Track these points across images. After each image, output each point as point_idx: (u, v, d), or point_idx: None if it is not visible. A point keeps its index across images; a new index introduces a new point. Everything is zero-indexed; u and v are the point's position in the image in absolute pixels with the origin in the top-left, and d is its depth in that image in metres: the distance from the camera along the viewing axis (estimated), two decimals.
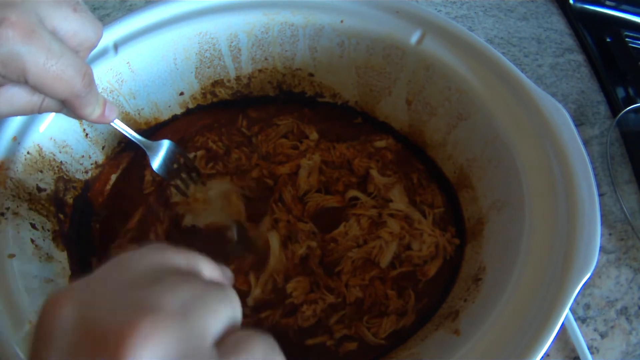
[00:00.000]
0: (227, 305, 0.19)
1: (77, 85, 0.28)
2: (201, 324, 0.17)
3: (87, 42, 0.30)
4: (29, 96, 0.29)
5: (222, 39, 0.46)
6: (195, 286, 0.19)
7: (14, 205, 0.36)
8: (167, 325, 0.16)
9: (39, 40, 0.26)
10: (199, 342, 0.17)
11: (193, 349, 0.16)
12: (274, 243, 0.42)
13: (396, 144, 0.50)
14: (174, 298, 0.17)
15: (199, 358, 0.16)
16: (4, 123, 0.38)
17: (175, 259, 0.20)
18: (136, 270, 0.18)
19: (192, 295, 0.18)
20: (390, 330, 0.40)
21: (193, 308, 0.17)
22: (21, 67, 0.25)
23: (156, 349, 0.15)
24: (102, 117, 0.34)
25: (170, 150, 0.42)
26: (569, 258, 0.32)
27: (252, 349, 0.18)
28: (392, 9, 0.44)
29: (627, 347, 0.44)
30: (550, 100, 0.38)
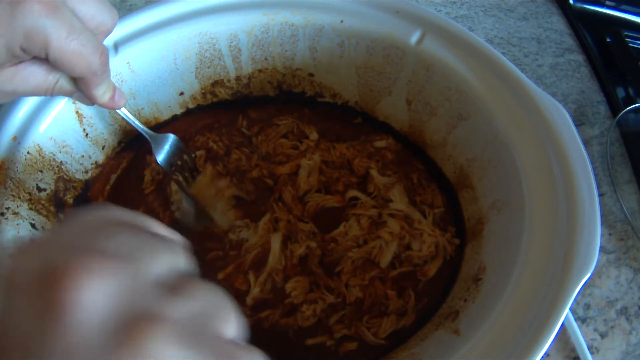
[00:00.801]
0: (170, 252, 0.19)
1: (94, 62, 0.30)
2: (143, 265, 0.17)
3: (103, 26, 0.31)
4: (45, 75, 0.30)
5: (222, 39, 0.46)
6: (139, 234, 0.19)
7: (14, 205, 0.36)
8: (107, 264, 0.16)
9: (62, 16, 0.27)
10: (141, 281, 0.17)
11: (134, 287, 0.16)
12: (275, 244, 0.42)
13: (396, 144, 0.50)
14: (116, 242, 0.18)
15: (139, 295, 0.16)
16: (4, 123, 0.38)
17: (122, 213, 0.20)
18: (85, 223, 0.19)
19: (135, 240, 0.18)
20: (390, 330, 0.40)
21: (135, 250, 0.18)
22: (44, 40, 0.26)
23: (95, 284, 0.15)
24: (112, 101, 0.35)
25: (175, 145, 0.43)
26: (569, 258, 0.32)
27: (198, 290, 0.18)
28: (392, 9, 0.44)
29: (627, 347, 0.44)
30: (550, 100, 0.38)
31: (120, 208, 0.21)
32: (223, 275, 0.41)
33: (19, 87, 0.30)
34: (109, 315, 0.15)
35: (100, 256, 0.16)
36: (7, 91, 0.30)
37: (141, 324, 0.15)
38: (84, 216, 0.20)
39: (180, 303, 0.17)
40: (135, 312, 0.15)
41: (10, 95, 0.30)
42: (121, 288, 0.16)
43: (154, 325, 0.15)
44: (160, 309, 0.16)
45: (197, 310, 0.17)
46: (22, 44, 0.26)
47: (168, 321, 0.16)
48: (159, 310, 0.16)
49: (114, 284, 0.16)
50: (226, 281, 0.41)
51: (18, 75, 0.29)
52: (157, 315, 0.15)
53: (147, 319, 0.15)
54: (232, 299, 0.19)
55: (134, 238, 0.18)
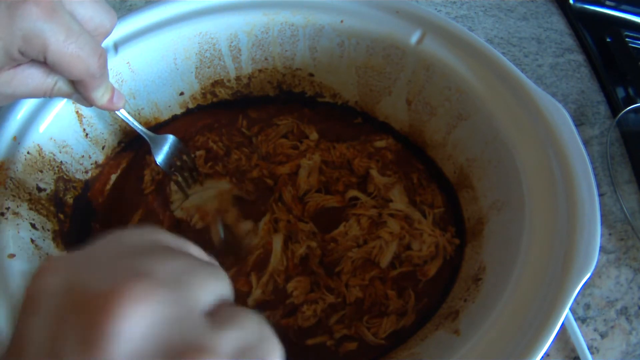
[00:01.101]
0: (217, 280, 0.19)
1: (92, 65, 0.29)
2: (191, 293, 0.17)
3: (101, 27, 0.31)
4: (43, 77, 0.30)
5: (222, 39, 0.46)
6: (187, 259, 0.18)
7: (14, 205, 0.36)
8: (156, 290, 0.15)
9: (60, 19, 0.27)
10: (189, 310, 0.16)
11: (182, 316, 0.16)
12: (277, 245, 0.42)
13: (396, 144, 0.50)
14: (165, 267, 0.17)
15: (188, 325, 0.16)
16: (4, 123, 0.38)
17: (167, 237, 0.20)
18: (128, 243, 0.18)
19: (184, 266, 0.18)
20: (390, 330, 0.40)
21: (184, 278, 0.17)
22: (42, 43, 0.26)
23: (144, 312, 0.15)
24: (110, 102, 0.35)
25: (174, 145, 0.43)
26: (569, 258, 0.32)
27: (244, 321, 0.18)
28: (392, 9, 0.44)
29: (627, 347, 0.44)
30: (550, 100, 0.38)
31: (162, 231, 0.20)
32: None
33: (17, 90, 0.30)
34: (157, 346, 0.14)
35: (146, 281, 0.15)
36: (6, 94, 0.30)
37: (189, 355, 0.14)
38: (125, 235, 0.19)
39: (228, 334, 0.16)
40: (184, 343, 0.15)
41: (9, 97, 0.30)
42: (171, 317, 0.15)
43: (202, 356, 0.14)
44: (209, 340, 0.15)
45: (244, 343, 0.17)
46: (20, 47, 0.26)
47: (218, 352, 0.15)
48: (208, 341, 0.15)
49: (164, 312, 0.15)
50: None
51: (16, 77, 0.29)
52: (204, 347, 0.15)
53: (197, 350, 0.15)
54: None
55: (182, 263, 0.18)
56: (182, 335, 0.15)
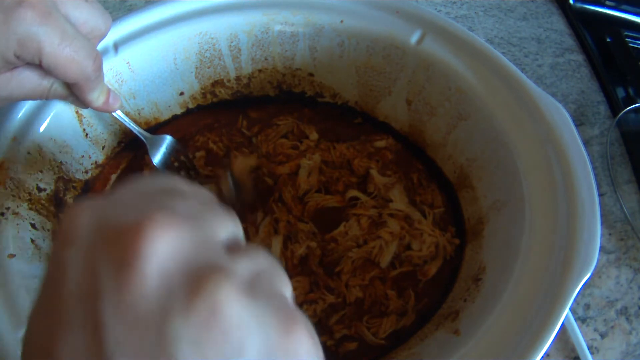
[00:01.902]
0: (231, 220, 0.20)
1: (87, 68, 0.30)
2: (209, 225, 0.18)
3: (96, 30, 0.31)
4: (39, 80, 0.30)
5: (222, 39, 0.46)
6: (204, 199, 0.20)
7: (14, 205, 0.36)
8: (180, 220, 0.17)
9: (55, 22, 0.27)
10: (208, 238, 0.18)
11: (203, 242, 0.17)
12: (276, 247, 0.42)
13: (396, 144, 0.50)
14: (185, 204, 0.18)
15: (208, 250, 0.17)
16: (4, 123, 0.38)
17: (182, 183, 0.21)
18: (150, 186, 0.20)
19: (201, 205, 0.19)
20: (390, 330, 0.40)
21: (202, 214, 0.18)
22: (37, 47, 0.27)
23: (170, 236, 0.16)
24: (106, 104, 0.35)
25: (171, 146, 0.42)
26: (569, 258, 0.32)
27: (257, 254, 0.19)
28: (392, 9, 0.44)
29: (627, 347, 0.44)
30: (550, 100, 0.38)
31: (178, 177, 0.21)
32: None
33: (14, 92, 0.30)
34: (182, 266, 0.16)
35: (172, 213, 0.17)
36: (2, 96, 0.30)
37: (211, 274, 0.15)
38: (144, 181, 0.20)
39: (244, 261, 0.18)
40: (206, 264, 0.16)
41: (5, 100, 0.31)
42: (192, 242, 0.16)
43: (222, 276, 0.16)
44: (227, 263, 0.17)
45: (260, 269, 0.18)
46: (15, 51, 0.27)
47: (234, 274, 0.16)
48: (227, 264, 0.17)
49: (187, 238, 0.16)
50: None
51: (13, 80, 0.29)
52: (225, 268, 0.16)
53: (217, 270, 0.16)
54: None
55: (200, 203, 0.19)
56: (204, 258, 0.16)
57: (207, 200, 0.20)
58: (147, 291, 0.15)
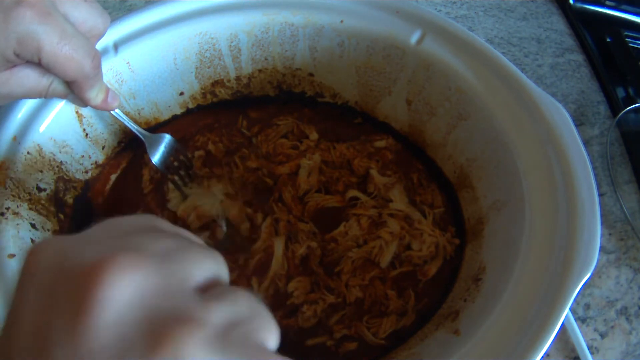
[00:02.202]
0: (211, 260, 0.19)
1: (86, 66, 0.30)
2: (182, 268, 0.17)
3: (95, 29, 0.32)
4: (38, 78, 0.31)
5: (222, 39, 0.46)
6: (181, 240, 0.19)
7: (14, 205, 0.36)
8: (146, 263, 0.15)
9: (54, 21, 0.27)
10: (179, 282, 0.16)
11: (171, 287, 0.16)
12: (278, 249, 0.42)
13: (396, 144, 0.50)
14: (157, 243, 0.17)
15: (176, 296, 0.16)
16: (4, 123, 0.38)
17: (163, 223, 0.20)
18: (122, 226, 0.19)
19: (177, 245, 0.18)
20: (390, 330, 0.40)
21: (176, 254, 0.17)
22: (36, 45, 0.27)
23: (130, 280, 0.15)
24: (104, 102, 0.36)
25: (170, 145, 0.43)
26: (569, 258, 0.32)
27: (236, 297, 0.17)
28: (392, 9, 0.44)
29: (627, 347, 0.44)
30: (550, 100, 0.38)
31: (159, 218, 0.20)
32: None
33: (13, 90, 0.30)
34: (144, 314, 0.14)
35: (136, 254, 0.16)
36: (2, 94, 0.30)
37: (176, 325, 0.14)
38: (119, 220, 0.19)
39: (219, 306, 0.16)
40: (172, 312, 0.15)
41: (5, 98, 0.31)
42: (159, 286, 0.15)
43: (188, 327, 0.14)
44: (196, 310, 0.15)
45: (237, 316, 0.16)
46: (15, 49, 0.27)
47: (203, 323, 0.15)
48: (195, 311, 0.15)
49: (152, 282, 0.15)
50: None
51: (12, 78, 0.30)
52: (192, 317, 0.15)
53: (182, 320, 0.14)
54: None
55: (175, 242, 0.18)
56: (170, 305, 0.15)
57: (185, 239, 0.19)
58: (103, 337, 0.14)
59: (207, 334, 0.15)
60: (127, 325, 0.14)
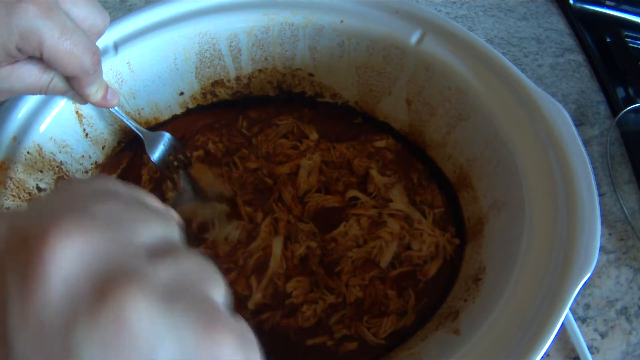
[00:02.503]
0: (160, 221, 0.19)
1: (86, 62, 0.31)
2: (130, 227, 0.17)
3: (95, 27, 0.33)
4: (39, 74, 0.31)
5: (222, 39, 0.46)
6: (130, 202, 0.19)
7: (14, 205, 0.36)
8: (91, 225, 0.15)
9: (56, 17, 0.28)
10: (126, 244, 0.16)
11: (118, 247, 0.16)
12: (277, 248, 0.42)
13: (396, 144, 0.50)
14: (104, 206, 0.17)
15: (123, 255, 0.16)
16: (4, 123, 0.38)
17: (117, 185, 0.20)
18: (75, 189, 0.19)
19: (125, 207, 0.18)
20: (390, 330, 0.40)
21: (124, 215, 0.17)
22: (38, 40, 0.28)
23: (77, 244, 0.15)
24: (104, 99, 0.36)
25: (169, 143, 0.43)
26: (569, 258, 0.32)
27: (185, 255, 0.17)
28: (392, 9, 0.44)
29: (627, 347, 0.44)
30: (550, 100, 0.38)
31: (119, 181, 0.20)
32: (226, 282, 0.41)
33: (14, 86, 0.31)
34: (90, 274, 0.15)
35: (82, 215, 0.16)
36: (3, 89, 0.31)
37: (120, 280, 0.14)
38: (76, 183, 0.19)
39: (165, 265, 0.16)
40: (117, 270, 0.15)
41: (5, 93, 0.31)
42: (104, 247, 0.15)
43: (132, 282, 0.14)
44: (143, 268, 0.16)
45: (183, 272, 0.17)
46: (17, 43, 0.28)
47: (149, 279, 0.15)
48: (142, 269, 0.15)
49: (97, 243, 0.15)
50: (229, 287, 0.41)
51: (14, 73, 0.30)
52: (138, 273, 0.15)
53: (128, 276, 0.15)
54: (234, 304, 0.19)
55: (126, 205, 0.18)
56: (116, 264, 0.15)
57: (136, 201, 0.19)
58: (51, 300, 0.14)
59: (151, 289, 0.15)
60: (74, 283, 0.14)
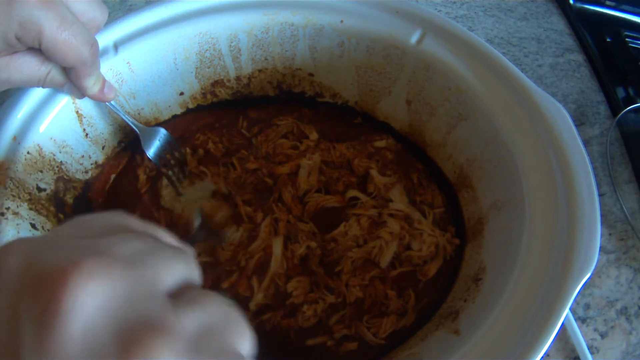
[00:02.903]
0: (182, 262, 0.18)
1: (84, 53, 0.31)
2: (152, 273, 0.16)
3: (94, 21, 0.33)
4: (37, 66, 0.32)
5: (222, 39, 0.46)
6: (151, 241, 0.18)
7: (14, 205, 0.36)
8: (113, 267, 0.15)
9: (56, 7, 0.29)
10: (148, 287, 0.16)
11: (140, 293, 0.15)
12: (277, 249, 0.42)
13: (396, 144, 0.50)
14: (126, 246, 0.17)
15: (146, 302, 0.15)
16: (4, 123, 0.38)
17: (132, 221, 0.20)
18: (91, 225, 0.18)
19: (146, 247, 0.17)
20: (390, 330, 0.40)
21: (145, 257, 0.17)
22: (37, 29, 0.28)
23: (98, 287, 0.14)
24: (101, 93, 0.37)
25: (165, 139, 0.43)
26: (569, 258, 0.32)
27: (209, 302, 0.17)
28: (392, 9, 0.44)
29: (627, 347, 0.44)
30: (550, 100, 0.38)
31: (130, 216, 0.20)
32: (227, 284, 0.41)
33: (12, 76, 0.31)
34: (110, 323, 0.14)
35: (105, 258, 0.15)
36: (1, 79, 0.31)
37: (144, 333, 0.14)
38: (90, 219, 0.19)
39: (191, 313, 0.16)
40: (142, 320, 0.14)
41: (3, 83, 0.32)
42: (127, 293, 0.15)
43: (158, 335, 0.14)
44: (167, 318, 0.15)
45: (209, 322, 0.16)
46: (17, 32, 0.28)
47: (175, 331, 0.14)
48: (166, 319, 0.15)
49: (120, 288, 0.15)
50: (231, 288, 0.41)
51: (12, 64, 0.31)
52: (163, 325, 0.14)
53: (152, 328, 0.14)
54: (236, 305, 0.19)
55: (145, 244, 0.17)
56: (140, 312, 0.14)
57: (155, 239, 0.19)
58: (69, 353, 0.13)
59: (178, 342, 0.14)
60: (95, 335, 0.14)
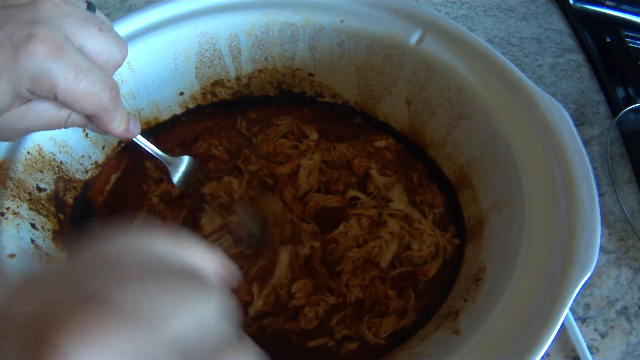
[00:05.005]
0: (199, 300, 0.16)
1: (104, 100, 0.28)
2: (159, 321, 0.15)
3: (112, 60, 0.30)
4: (56, 111, 0.29)
5: (222, 39, 0.46)
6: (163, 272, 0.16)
7: (14, 205, 0.36)
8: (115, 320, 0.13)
9: (68, 56, 0.26)
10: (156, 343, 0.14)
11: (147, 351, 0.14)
12: (284, 258, 0.41)
13: (396, 144, 0.50)
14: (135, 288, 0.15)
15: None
16: None
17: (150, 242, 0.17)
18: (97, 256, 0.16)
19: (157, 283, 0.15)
20: (390, 330, 0.40)
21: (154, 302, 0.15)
22: (51, 83, 0.25)
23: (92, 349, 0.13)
24: (126, 131, 0.33)
25: (190, 164, 0.43)
26: (569, 258, 0.32)
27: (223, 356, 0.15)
28: (392, 9, 0.44)
29: (627, 347, 0.44)
30: (550, 100, 0.38)
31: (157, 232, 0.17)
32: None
33: (31, 125, 0.29)
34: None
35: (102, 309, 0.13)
36: (20, 129, 0.29)
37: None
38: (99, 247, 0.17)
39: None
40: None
41: (22, 132, 0.29)
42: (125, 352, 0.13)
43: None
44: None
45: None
46: (29, 87, 0.25)
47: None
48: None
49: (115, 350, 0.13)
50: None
51: (29, 113, 0.28)
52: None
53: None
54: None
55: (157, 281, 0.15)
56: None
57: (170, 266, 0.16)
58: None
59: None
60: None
